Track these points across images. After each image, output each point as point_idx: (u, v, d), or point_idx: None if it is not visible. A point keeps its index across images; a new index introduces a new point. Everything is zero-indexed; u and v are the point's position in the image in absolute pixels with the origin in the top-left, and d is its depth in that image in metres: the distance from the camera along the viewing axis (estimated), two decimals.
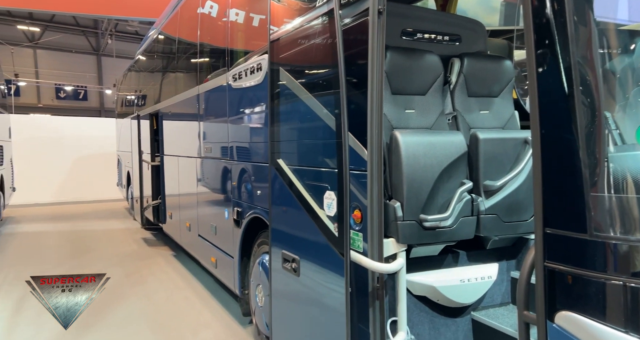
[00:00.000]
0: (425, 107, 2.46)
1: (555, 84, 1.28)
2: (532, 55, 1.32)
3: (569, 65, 1.25)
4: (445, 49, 2.64)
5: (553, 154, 1.27)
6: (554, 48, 1.29)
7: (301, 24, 2.41)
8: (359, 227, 2.08)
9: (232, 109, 3.79)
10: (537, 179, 1.31)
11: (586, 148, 1.19)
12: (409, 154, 2.10)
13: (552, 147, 1.28)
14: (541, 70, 1.31)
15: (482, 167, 2.31)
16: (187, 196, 5.19)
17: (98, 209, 10.80)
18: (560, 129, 1.26)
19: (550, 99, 1.29)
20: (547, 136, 1.29)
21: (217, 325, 3.71)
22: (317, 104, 2.35)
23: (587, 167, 1.18)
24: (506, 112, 2.68)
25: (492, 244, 2.40)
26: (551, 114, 1.29)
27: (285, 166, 2.54)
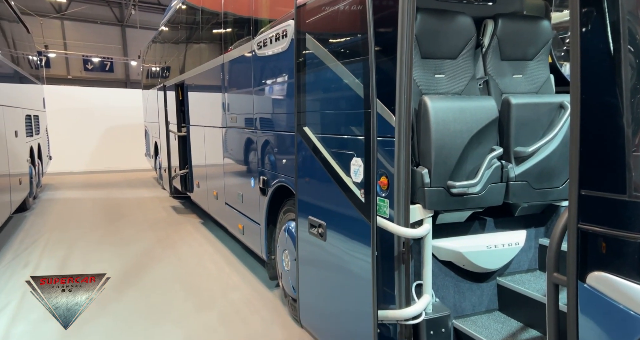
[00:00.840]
0: (455, 72, 2.39)
1: (600, 42, 1.22)
2: (577, 12, 1.25)
3: (616, 22, 1.19)
4: (479, 9, 2.53)
5: (593, 114, 1.23)
6: (600, 5, 1.22)
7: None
8: (385, 193, 2.08)
9: (257, 77, 3.78)
10: (574, 140, 1.27)
11: (630, 108, 1.15)
12: (438, 120, 2.07)
13: (593, 107, 1.23)
14: (585, 28, 1.25)
15: (513, 133, 2.25)
16: (214, 166, 5.29)
17: (128, 178, 11.15)
18: (602, 88, 1.21)
19: (593, 57, 1.23)
20: (588, 96, 1.24)
21: (245, 287, 3.85)
22: (344, 70, 2.31)
23: (630, 127, 1.14)
24: (541, 76, 2.58)
25: (521, 211, 2.37)
26: (593, 73, 1.23)
27: (311, 134, 2.54)
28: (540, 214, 2.45)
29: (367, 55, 2.04)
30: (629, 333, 1.14)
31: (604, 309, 1.20)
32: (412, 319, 1.97)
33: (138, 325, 3.14)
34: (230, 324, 3.15)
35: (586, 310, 1.24)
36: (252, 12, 3.83)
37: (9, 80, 6.40)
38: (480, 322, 2.21)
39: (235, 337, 2.96)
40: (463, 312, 2.26)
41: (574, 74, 1.29)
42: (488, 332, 2.13)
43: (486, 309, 2.32)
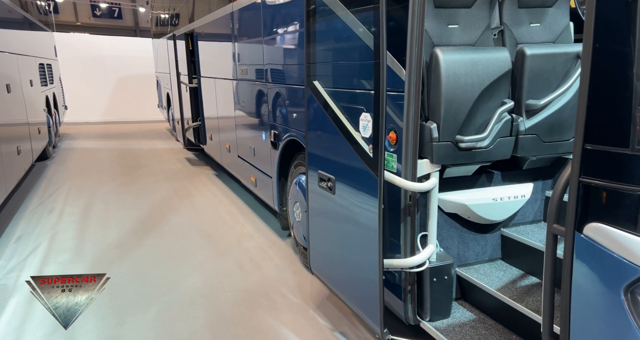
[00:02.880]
0: (470, 22, 2.31)
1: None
2: None
3: None
4: None
5: (604, 65, 1.21)
6: None
7: None
8: (394, 148, 2.11)
9: (266, 28, 3.69)
10: (582, 92, 1.27)
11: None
12: (449, 74, 2.04)
13: (605, 57, 1.21)
14: None
15: (526, 86, 2.21)
16: (226, 119, 5.32)
17: (142, 129, 11.30)
18: (616, 38, 1.18)
19: (610, 4, 1.19)
20: (600, 46, 1.22)
21: (259, 236, 4.03)
22: (354, 20, 2.25)
23: (639, 80, 1.14)
24: (560, 24, 2.47)
25: (529, 164, 2.39)
26: (608, 22, 1.20)
27: (321, 88, 2.53)
28: (549, 167, 2.46)
29: (377, 3, 1.98)
30: (620, 278, 1.21)
31: (597, 257, 1.26)
32: (416, 267, 2.08)
33: (160, 269, 3.36)
34: (245, 270, 3.34)
35: (581, 258, 1.30)
36: None
37: (20, 27, 6.33)
38: (482, 270, 2.31)
39: (250, 281, 3.16)
40: (466, 261, 2.36)
41: (588, 22, 1.25)
42: (489, 279, 2.23)
43: (489, 258, 2.41)
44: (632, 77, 1.17)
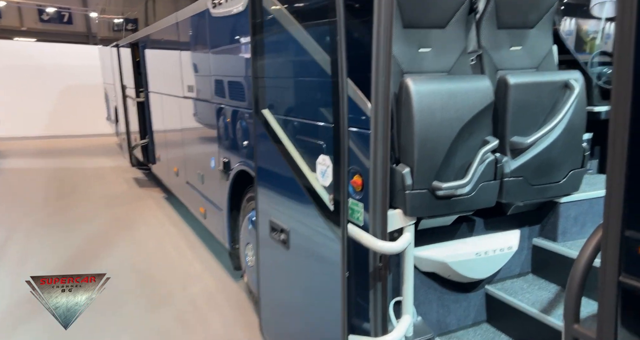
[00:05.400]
0: (444, 44, 1.97)
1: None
2: None
3: None
4: None
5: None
6: None
7: None
8: (360, 196, 1.73)
9: (214, 42, 3.25)
10: (617, 152, 0.91)
11: None
12: (423, 108, 1.68)
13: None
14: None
15: (510, 120, 1.90)
16: (174, 139, 4.81)
17: (88, 144, 10.46)
18: None
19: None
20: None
21: (208, 277, 3.54)
22: (308, 42, 1.88)
23: None
24: (543, 48, 2.19)
25: (515, 209, 2.07)
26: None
27: (272, 119, 2.13)
28: (536, 211, 2.16)
29: (334, 24, 1.62)
30: None
31: None
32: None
33: (77, 332, 2.79)
34: (188, 325, 2.85)
35: None
36: None
37: None
38: (466, 339, 1.95)
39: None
40: (448, 327, 2.00)
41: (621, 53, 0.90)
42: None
43: (473, 322, 2.06)
44: None
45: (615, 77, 0.95)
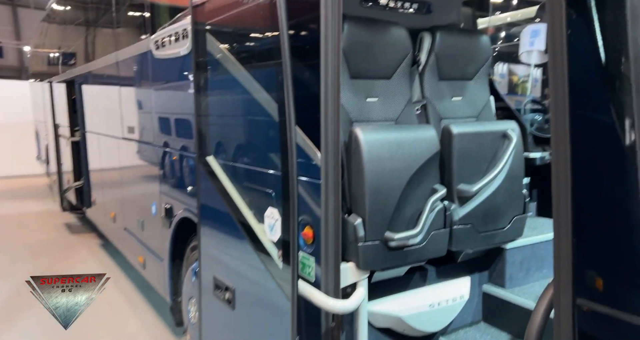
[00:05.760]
0: (390, 94, 2.01)
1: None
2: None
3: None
4: (414, 20, 2.17)
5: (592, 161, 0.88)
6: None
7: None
8: (311, 249, 1.65)
9: (156, 84, 3.13)
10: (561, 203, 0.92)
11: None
12: (373, 158, 1.67)
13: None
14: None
15: (455, 168, 1.93)
16: (112, 182, 4.51)
17: (14, 185, 9.60)
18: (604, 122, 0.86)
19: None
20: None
21: (145, 337, 3.22)
22: (256, 86, 1.84)
23: None
24: (481, 99, 2.31)
25: (464, 257, 2.07)
26: (592, 116, 0.88)
27: (216, 167, 2.03)
28: (484, 257, 2.18)
29: (281, 74, 1.60)
30: None
31: None
32: None
33: None
34: None
35: None
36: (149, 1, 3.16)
37: None
38: None
39: None
40: None
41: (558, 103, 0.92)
42: None
43: None
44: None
45: (554, 126, 0.96)
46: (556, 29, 0.90)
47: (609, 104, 0.87)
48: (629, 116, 0.84)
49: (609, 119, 0.86)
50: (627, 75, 0.83)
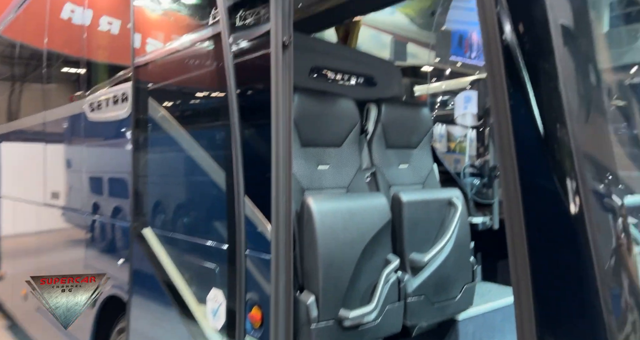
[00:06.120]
0: (341, 162, 2.01)
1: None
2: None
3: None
4: (360, 92, 2.25)
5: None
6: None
7: (177, 49, 1.84)
8: (259, 333, 1.50)
9: (88, 149, 2.92)
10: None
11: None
12: (326, 229, 1.61)
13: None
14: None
15: (406, 237, 1.92)
16: (26, 254, 4.00)
17: None
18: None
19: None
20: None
21: None
22: (202, 156, 1.76)
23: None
24: (426, 166, 2.39)
25: (418, 330, 1.99)
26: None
27: (153, 238, 1.85)
28: (437, 329, 2.11)
29: (230, 141, 1.55)
30: None
31: None
32: None
33: None
34: None
35: None
36: (85, 56, 3.02)
37: None
38: None
39: None
40: None
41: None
42: None
43: None
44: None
45: (505, 192, 0.97)
46: (499, 100, 0.95)
47: (553, 170, 0.89)
48: (572, 180, 0.86)
49: (554, 185, 0.88)
50: (566, 142, 0.86)
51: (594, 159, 0.90)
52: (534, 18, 0.91)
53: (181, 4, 2.17)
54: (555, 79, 0.88)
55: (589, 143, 0.90)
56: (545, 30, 0.89)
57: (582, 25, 0.99)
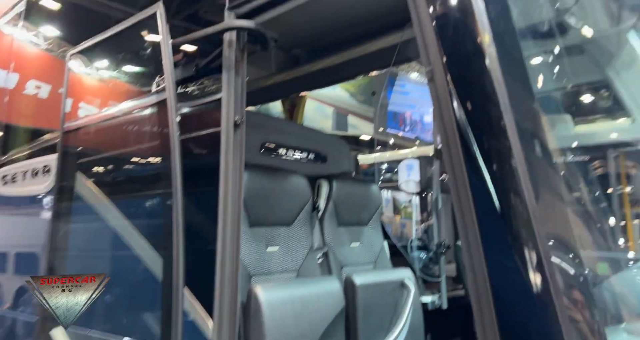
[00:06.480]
0: (291, 242, 1.88)
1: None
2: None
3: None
4: (311, 168, 2.19)
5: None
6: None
7: (114, 115, 1.72)
8: None
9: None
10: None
11: None
12: (275, 322, 1.45)
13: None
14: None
15: (361, 326, 1.78)
16: None
17: None
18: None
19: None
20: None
21: None
22: (136, 241, 1.56)
23: None
24: (376, 244, 2.32)
25: None
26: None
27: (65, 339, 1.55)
28: None
29: (170, 225, 1.39)
30: None
31: None
32: None
33: None
34: None
35: None
36: (3, 121, 2.73)
37: None
38: None
39: None
40: None
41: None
42: None
43: None
44: None
45: (470, 272, 0.93)
46: (458, 177, 0.94)
47: (514, 248, 0.89)
48: (532, 253, 0.86)
49: (515, 260, 0.88)
50: (525, 221, 0.87)
51: (553, 232, 0.91)
52: (485, 97, 0.93)
53: (122, 70, 2.07)
54: (509, 156, 0.89)
55: (547, 217, 0.90)
56: (497, 109, 0.90)
57: (530, 108, 1.01)
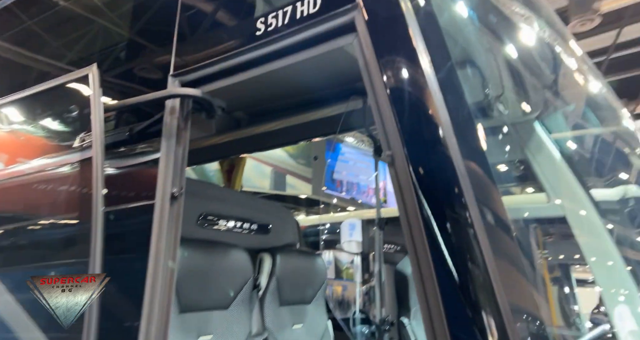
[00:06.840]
0: (226, 329, 1.65)
1: None
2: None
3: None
4: (253, 240, 2.02)
5: None
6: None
7: (24, 173, 1.50)
8: None
9: None
10: None
11: None
12: None
13: None
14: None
15: None
16: None
17: None
18: None
19: None
20: None
21: None
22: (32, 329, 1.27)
23: None
24: (320, 325, 2.13)
25: None
26: None
27: None
28: None
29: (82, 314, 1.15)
30: None
31: None
32: None
33: None
34: None
35: None
36: None
37: None
38: None
39: None
40: None
41: None
42: None
43: None
44: None
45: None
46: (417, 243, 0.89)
47: (474, 306, 0.84)
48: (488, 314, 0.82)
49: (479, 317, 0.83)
50: (485, 284, 0.83)
51: (520, 308, 0.88)
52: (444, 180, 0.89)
53: (38, 124, 1.83)
54: (469, 226, 0.86)
55: (509, 287, 0.85)
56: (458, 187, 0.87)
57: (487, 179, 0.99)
